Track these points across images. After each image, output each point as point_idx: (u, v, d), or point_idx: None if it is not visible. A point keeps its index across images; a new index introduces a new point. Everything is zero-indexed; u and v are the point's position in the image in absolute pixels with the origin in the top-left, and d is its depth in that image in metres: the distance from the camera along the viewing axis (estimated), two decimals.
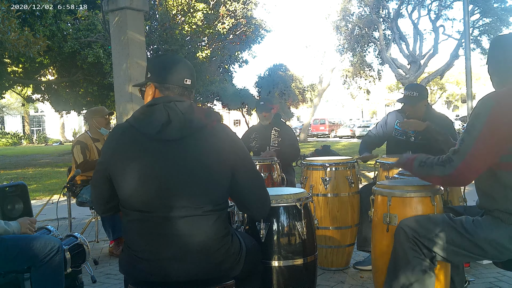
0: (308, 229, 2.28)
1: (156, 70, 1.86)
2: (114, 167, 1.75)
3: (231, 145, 1.80)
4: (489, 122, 1.87)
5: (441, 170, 1.98)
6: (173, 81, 1.83)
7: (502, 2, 19.25)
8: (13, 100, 35.03)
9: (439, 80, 34.86)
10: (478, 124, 1.90)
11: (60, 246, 2.37)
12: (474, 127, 1.92)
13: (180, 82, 1.83)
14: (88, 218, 4.79)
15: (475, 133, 1.90)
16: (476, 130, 1.90)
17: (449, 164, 1.95)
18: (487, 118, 1.88)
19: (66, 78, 15.60)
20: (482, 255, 2.02)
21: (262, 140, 4.44)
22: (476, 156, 1.90)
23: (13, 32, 6.71)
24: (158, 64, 1.89)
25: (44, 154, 21.58)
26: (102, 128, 4.41)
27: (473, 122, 1.94)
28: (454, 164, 1.93)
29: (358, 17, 22.12)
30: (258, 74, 24.79)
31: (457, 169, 1.93)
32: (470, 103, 5.67)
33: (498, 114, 1.87)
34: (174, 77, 1.83)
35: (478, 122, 1.91)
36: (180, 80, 1.83)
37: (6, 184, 3.60)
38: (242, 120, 30.12)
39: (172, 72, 1.84)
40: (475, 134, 1.90)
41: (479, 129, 1.89)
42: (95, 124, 4.41)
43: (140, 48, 6.07)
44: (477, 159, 1.91)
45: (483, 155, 1.90)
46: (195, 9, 13.83)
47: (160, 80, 1.84)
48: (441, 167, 1.98)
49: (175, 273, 1.71)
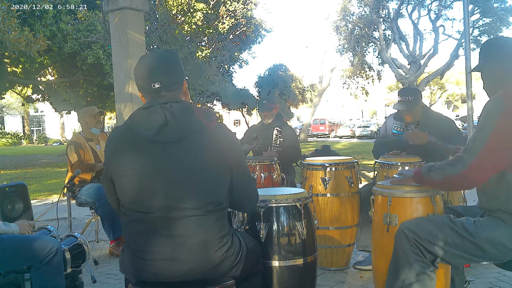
0: (308, 229, 2.28)
1: (134, 75, 1.86)
2: (114, 169, 1.76)
3: (230, 145, 1.80)
4: (502, 120, 1.85)
5: (451, 169, 1.95)
6: (143, 88, 1.82)
7: (502, 2, 19.24)
8: (13, 100, 35.03)
9: (439, 80, 34.86)
10: (490, 122, 1.88)
11: (59, 247, 2.37)
12: (486, 125, 1.89)
13: (149, 88, 1.80)
14: (88, 218, 4.79)
15: (487, 132, 1.87)
16: (488, 129, 1.87)
17: (460, 163, 1.92)
18: (500, 117, 1.86)
19: (66, 79, 15.60)
20: (483, 256, 2.01)
21: (264, 140, 4.43)
22: (489, 154, 1.87)
23: (13, 31, 6.70)
24: (135, 70, 1.86)
25: (44, 154, 21.59)
26: (92, 128, 4.45)
27: (484, 120, 1.91)
28: (465, 163, 1.90)
29: (358, 17, 22.11)
30: (258, 74, 24.82)
31: (468, 168, 1.90)
32: (470, 103, 5.66)
33: (510, 113, 1.85)
34: (143, 83, 1.81)
35: (490, 121, 1.88)
36: (147, 86, 1.80)
37: (6, 184, 3.60)
38: (242, 120, 30.14)
39: (140, 79, 1.82)
40: (488, 132, 1.87)
41: (492, 128, 1.86)
42: (86, 124, 4.46)
43: (140, 48, 6.07)
44: (490, 158, 1.87)
45: (496, 154, 1.87)
46: (195, 9, 13.81)
47: (137, 87, 1.86)
48: (451, 167, 1.95)
49: (175, 273, 1.71)
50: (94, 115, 4.47)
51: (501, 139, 1.86)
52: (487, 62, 2.07)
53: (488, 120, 1.89)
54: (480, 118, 1.96)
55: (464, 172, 1.91)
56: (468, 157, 1.90)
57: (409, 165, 3.23)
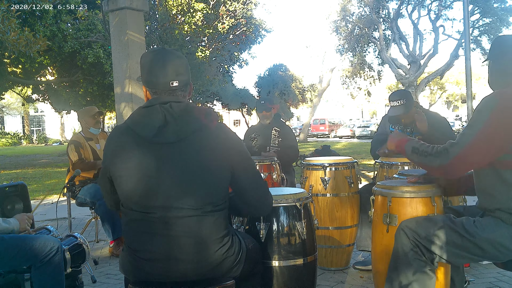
0: (308, 229, 2.28)
1: (144, 71, 1.81)
2: (114, 168, 1.76)
3: (230, 145, 1.80)
4: (492, 118, 1.87)
5: (434, 160, 1.97)
6: (159, 85, 1.77)
7: (502, 2, 19.25)
8: (13, 100, 35.03)
9: (439, 80, 34.86)
10: (480, 119, 1.90)
11: (60, 247, 2.37)
12: (476, 122, 1.91)
13: (166, 86, 1.77)
14: (88, 218, 4.79)
15: (476, 128, 1.90)
16: (477, 125, 1.90)
17: (444, 156, 1.94)
18: (490, 115, 1.87)
19: (66, 78, 15.60)
20: (483, 256, 2.01)
21: (262, 140, 4.43)
22: (474, 149, 1.89)
23: (13, 32, 6.70)
24: (145, 65, 1.80)
25: (44, 154, 21.58)
26: (91, 128, 4.45)
27: (475, 117, 1.93)
28: (449, 156, 1.92)
29: (358, 17, 22.11)
30: (258, 74, 24.84)
31: (450, 162, 1.92)
32: (470, 103, 5.67)
33: (502, 112, 1.87)
34: (160, 81, 1.76)
35: (480, 118, 1.90)
36: (166, 84, 1.76)
37: (6, 184, 3.59)
38: (242, 120, 30.13)
39: (158, 75, 1.76)
40: (476, 128, 1.89)
41: (481, 125, 1.88)
42: (85, 124, 4.47)
43: (140, 48, 6.07)
44: (474, 153, 1.90)
45: (481, 150, 1.89)
46: (195, 9, 13.81)
47: (147, 84, 1.80)
48: (434, 158, 1.97)
49: (175, 273, 1.71)
50: (93, 115, 4.47)
51: (488, 137, 1.88)
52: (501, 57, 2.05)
53: (478, 117, 1.91)
54: (472, 115, 1.99)
55: (445, 166, 1.94)
56: (452, 151, 1.92)
57: (409, 165, 3.23)
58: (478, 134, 1.88)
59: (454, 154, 1.91)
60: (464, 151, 1.90)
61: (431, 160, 1.99)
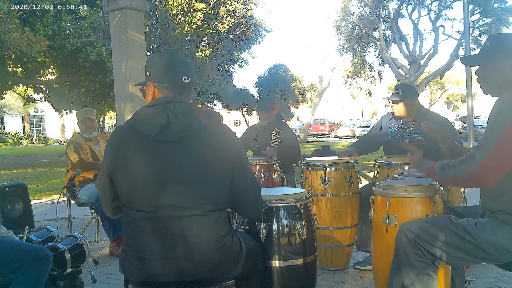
0: (308, 229, 2.28)
1: (154, 69, 1.84)
2: (115, 167, 1.76)
3: (231, 146, 1.81)
4: None
5: (463, 168, 1.92)
6: (172, 80, 1.81)
7: (502, 2, 19.23)
8: (13, 100, 35.01)
9: (439, 80, 34.84)
10: (501, 120, 1.85)
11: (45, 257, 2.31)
12: (497, 123, 1.86)
13: (179, 80, 1.82)
14: (88, 218, 4.79)
15: (498, 129, 1.84)
16: (499, 126, 1.84)
17: (471, 161, 1.89)
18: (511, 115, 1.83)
19: (67, 77, 15.59)
20: (484, 258, 2.00)
21: (263, 141, 4.42)
22: (501, 152, 1.84)
23: (14, 32, 6.70)
24: (156, 63, 1.86)
25: (44, 154, 21.58)
26: (83, 133, 4.46)
27: (495, 118, 1.88)
28: (477, 160, 1.87)
29: (358, 17, 22.09)
30: (258, 74, 24.77)
31: (479, 166, 1.87)
32: (470, 103, 5.67)
33: None
34: (173, 75, 1.81)
35: (501, 119, 1.85)
36: (179, 78, 1.82)
37: (6, 184, 3.60)
38: (242, 120, 30.12)
39: (170, 70, 1.82)
40: (499, 130, 1.84)
41: (503, 125, 1.83)
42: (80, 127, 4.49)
43: (140, 48, 6.08)
44: (501, 156, 1.84)
45: (507, 153, 1.84)
46: (195, 9, 13.82)
47: (159, 79, 1.82)
48: (463, 165, 1.92)
49: (175, 273, 1.71)
50: (81, 120, 4.43)
51: None
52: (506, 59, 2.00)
53: (500, 118, 1.86)
54: (491, 116, 1.92)
55: (475, 171, 1.88)
56: (479, 154, 1.87)
57: (409, 165, 3.23)
58: (503, 135, 1.83)
59: (481, 159, 1.86)
60: (491, 154, 1.85)
61: (461, 169, 1.93)
